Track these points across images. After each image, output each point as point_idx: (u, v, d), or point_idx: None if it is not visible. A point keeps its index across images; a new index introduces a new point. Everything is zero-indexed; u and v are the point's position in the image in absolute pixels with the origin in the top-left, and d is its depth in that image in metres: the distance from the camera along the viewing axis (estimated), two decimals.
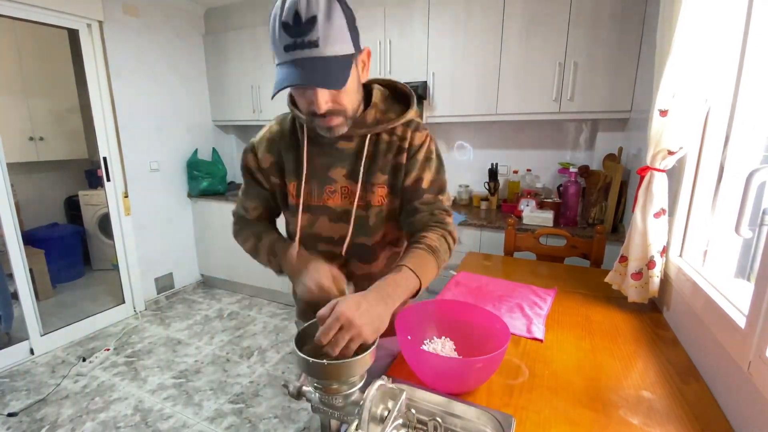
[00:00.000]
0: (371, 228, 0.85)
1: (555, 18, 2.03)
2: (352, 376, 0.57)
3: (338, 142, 0.81)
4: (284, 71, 0.65)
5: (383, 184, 0.82)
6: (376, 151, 0.82)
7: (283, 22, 0.62)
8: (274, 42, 0.65)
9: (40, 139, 3.35)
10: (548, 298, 1.23)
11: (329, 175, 0.83)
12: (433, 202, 0.83)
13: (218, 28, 3.23)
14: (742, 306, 0.76)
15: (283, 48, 0.63)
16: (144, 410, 1.92)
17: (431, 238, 0.77)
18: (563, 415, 0.73)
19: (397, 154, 0.82)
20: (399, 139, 0.82)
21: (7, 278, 2.42)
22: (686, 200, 1.11)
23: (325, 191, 0.83)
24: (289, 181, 0.85)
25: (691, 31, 0.93)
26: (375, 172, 0.82)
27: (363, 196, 0.82)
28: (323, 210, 0.84)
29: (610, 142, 2.26)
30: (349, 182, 0.83)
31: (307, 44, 0.62)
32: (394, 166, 0.82)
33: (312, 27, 0.61)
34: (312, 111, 0.70)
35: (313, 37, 0.62)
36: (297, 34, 0.62)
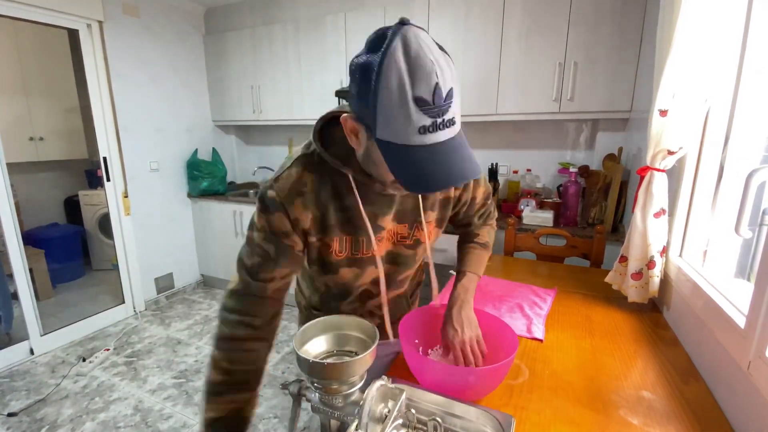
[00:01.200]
0: (415, 262, 0.87)
1: (555, 18, 2.03)
2: (352, 376, 0.57)
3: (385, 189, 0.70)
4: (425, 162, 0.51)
5: (433, 220, 0.82)
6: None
7: (418, 98, 0.47)
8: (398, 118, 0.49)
9: (40, 139, 3.35)
10: (548, 298, 1.23)
11: (378, 224, 0.75)
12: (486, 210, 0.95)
13: (218, 28, 3.23)
14: (742, 306, 0.76)
15: (419, 129, 0.49)
16: (144, 410, 1.92)
17: (483, 235, 0.92)
18: (563, 415, 0.73)
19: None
20: None
21: (7, 278, 2.42)
22: (686, 200, 1.11)
23: (374, 242, 0.75)
24: (331, 237, 0.72)
25: (691, 31, 0.93)
26: (426, 210, 0.79)
27: (410, 234, 0.80)
28: (371, 260, 0.78)
29: (610, 142, 2.26)
30: (395, 225, 0.78)
31: (446, 124, 0.50)
32: (443, 201, 0.82)
33: (450, 103, 0.50)
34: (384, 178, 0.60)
35: (450, 116, 0.50)
36: (436, 114, 0.49)
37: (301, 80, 2.82)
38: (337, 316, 0.68)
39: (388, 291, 0.86)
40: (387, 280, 0.82)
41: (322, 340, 0.67)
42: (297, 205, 0.67)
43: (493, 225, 0.97)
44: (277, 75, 2.91)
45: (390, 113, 0.49)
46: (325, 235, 0.72)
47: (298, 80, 2.83)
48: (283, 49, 2.84)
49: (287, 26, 2.79)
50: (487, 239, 0.93)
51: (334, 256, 0.74)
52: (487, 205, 0.94)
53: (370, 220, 0.72)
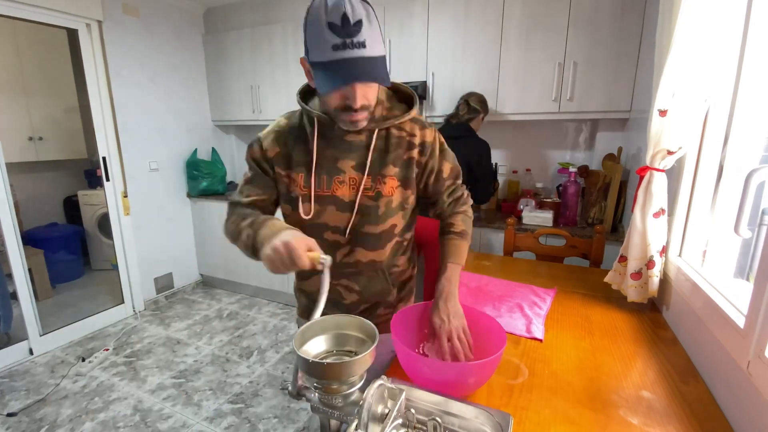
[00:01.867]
0: (380, 217, 0.88)
1: (555, 18, 2.04)
2: (351, 376, 0.57)
3: (347, 135, 0.84)
4: (333, 69, 0.67)
5: (394, 176, 0.87)
6: (387, 145, 0.87)
7: (330, 23, 0.65)
8: (317, 41, 0.67)
9: (40, 139, 3.35)
10: (548, 297, 1.23)
11: (338, 166, 0.86)
12: (455, 188, 0.96)
13: (218, 28, 3.23)
14: (742, 306, 0.76)
15: (331, 47, 0.66)
16: (143, 410, 1.92)
17: (458, 224, 0.94)
18: (563, 415, 0.73)
19: (408, 149, 0.87)
20: (408, 134, 0.88)
21: (6, 278, 2.42)
22: (685, 200, 1.11)
23: (334, 182, 0.86)
24: (297, 172, 0.86)
25: (690, 31, 0.94)
26: (387, 164, 0.86)
27: (373, 186, 0.86)
28: (331, 200, 0.87)
29: (609, 142, 2.26)
30: (357, 174, 0.86)
31: (356, 45, 0.66)
32: (406, 161, 0.87)
33: (359, 29, 0.66)
34: (346, 106, 0.74)
35: (361, 39, 0.66)
36: (345, 35, 0.65)
37: (301, 80, 2.81)
38: (337, 316, 0.68)
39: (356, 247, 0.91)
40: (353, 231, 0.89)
41: (322, 340, 0.67)
42: (269, 139, 0.88)
43: (468, 212, 0.98)
44: (277, 75, 2.91)
45: (313, 38, 0.68)
46: (291, 171, 0.87)
47: (298, 80, 2.83)
48: (283, 49, 2.84)
49: (287, 26, 2.79)
50: (463, 227, 0.94)
51: (299, 190, 0.87)
52: (456, 185, 0.97)
53: (331, 162, 0.86)
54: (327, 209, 0.87)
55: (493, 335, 0.81)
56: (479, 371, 0.72)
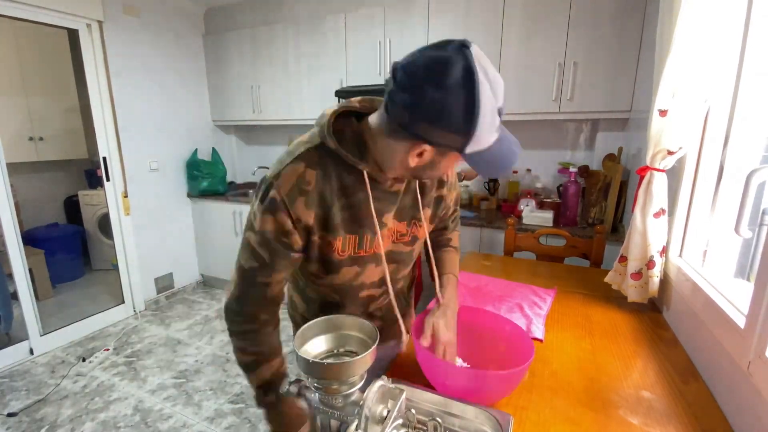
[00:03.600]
0: (412, 259, 0.88)
1: (555, 18, 2.03)
2: (351, 376, 0.57)
3: (393, 186, 0.72)
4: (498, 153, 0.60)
5: (428, 217, 0.84)
6: (424, 186, 0.81)
7: (500, 108, 0.57)
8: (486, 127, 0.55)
9: (40, 139, 3.35)
10: (548, 298, 1.23)
11: (382, 220, 0.74)
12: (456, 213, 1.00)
13: (218, 28, 3.23)
14: (742, 306, 0.76)
15: (496, 129, 0.59)
16: (144, 410, 1.92)
17: (455, 239, 0.98)
18: (563, 415, 0.73)
19: (439, 186, 0.84)
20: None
21: (6, 278, 2.42)
22: (686, 200, 1.11)
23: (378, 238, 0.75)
24: (334, 236, 0.70)
25: (690, 31, 0.93)
26: (423, 207, 0.81)
27: (408, 232, 0.81)
28: (372, 258, 0.77)
29: (609, 142, 2.26)
30: (395, 222, 0.78)
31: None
32: (437, 198, 0.85)
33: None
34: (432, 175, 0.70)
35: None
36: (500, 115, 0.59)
37: (301, 80, 2.82)
38: (338, 316, 0.68)
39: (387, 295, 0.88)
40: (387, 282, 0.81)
41: (322, 340, 0.67)
42: (299, 204, 0.65)
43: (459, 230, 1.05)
44: (277, 75, 2.91)
45: (482, 130, 0.55)
46: (328, 234, 0.70)
47: (298, 80, 2.83)
48: (283, 49, 2.84)
49: (287, 26, 2.79)
50: (458, 243, 1.00)
51: (337, 255, 0.73)
52: (457, 210, 1.00)
53: (377, 216, 0.72)
54: (367, 268, 0.78)
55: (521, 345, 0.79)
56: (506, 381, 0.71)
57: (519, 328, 0.82)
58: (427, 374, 0.77)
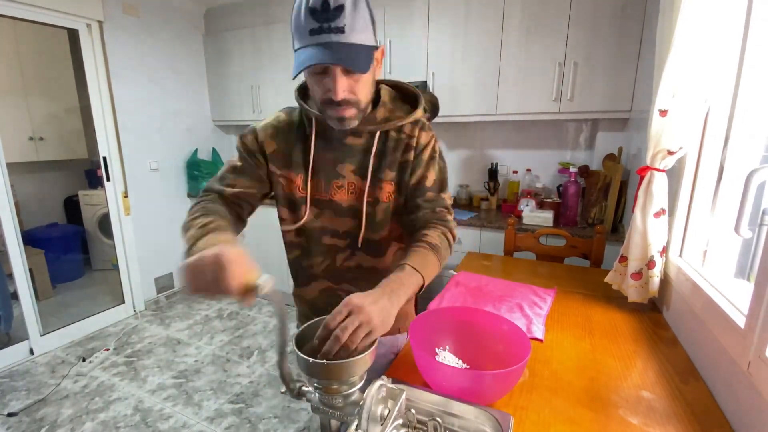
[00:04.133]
0: (378, 224, 0.86)
1: (555, 18, 2.03)
2: (352, 376, 0.57)
3: (347, 138, 0.82)
4: (308, 52, 0.66)
5: (391, 181, 0.84)
6: (385, 149, 0.83)
7: (311, 8, 0.63)
8: (297, 26, 0.66)
9: (40, 139, 3.35)
10: (548, 297, 1.23)
11: (337, 170, 0.83)
12: (435, 200, 0.84)
13: (218, 28, 3.23)
14: (742, 306, 0.76)
15: (308, 31, 0.64)
16: (144, 410, 1.92)
17: (432, 236, 0.78)
18: (563, 415, 0.73)
19: (405, 151, 0.83)
20: (407, 137, 0.84)
21: (6, 278, 2.42)
22: (686, 200, 1.11)
23: (332, 186, 0.83)
24: (296, 173, 0.84)
25: (690, 31, 0.93)
26: (384, 168, 0.83)
27: (371, 192, 0.83)
28: (329, 204, 0.85)
29: (610, 142, 2.26)
30: (356, 178, 0.83)
31: (333, 29, 0.64)
32: (402, 164, 0.84)
33: (339, 14, 0.64)
34: (328, 98, 0.71)
35: (340, 24, 0.64)
36: (324, 20, 0.63)
37: (301, 80, 2.81)
38: None
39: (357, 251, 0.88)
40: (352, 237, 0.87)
41: None
42: (267, 133, 0.84)
43: (447, 233, 0.82)
44: (277, 75, 2.91)
45: (294, 26, 0.67)
46: (289, 171, 0.84)
47: (297, 80, 2.83)
48: (283, 49, 2.84)
49: (287, 26, 2.78)
50: (437, 242, 0.78)
51: (298, 192, 0.84)
52: (440, 198, 0.85)
53: (329, 165, 0.83)
54: (325, 213, 0.85)
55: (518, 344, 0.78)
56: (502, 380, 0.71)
57: (517, 328, 0.82)
58: (424, 374, 0.77)
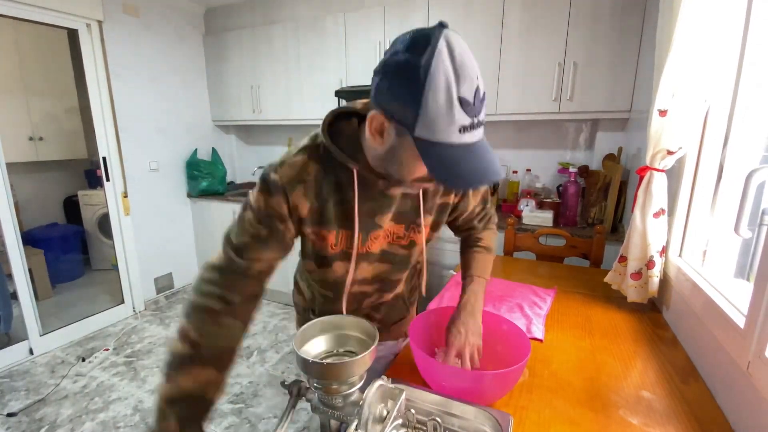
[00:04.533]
0: (408, 263, 0.86)
1: (555, 18, 2.03)
2: (351, 376, 0.57)
3: (389, 189, 0.71)
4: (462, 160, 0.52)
5: (428, 224, 0.82)
6: (426, 193, 0.78)
7: (463, 98, 0.50)
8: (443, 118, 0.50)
9: (40, 139, 3.35)
10: (548, 297, 1.23)
11: (375, 221, 0.75)
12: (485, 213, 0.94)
13: (218, 28, 3.23)
14: (742, 306, 0.76)
15: (459, 128, 0.51)
16: (143, 410, 1.92)
17: (485, 239, 0.93)
18: (563, 415, 0.73)
19: (444, 194, 0.80)
20: None
21: (6, 278, 2.42)
22: (686, 200, 1.11)
23: (370, 238, 0.76)
24: (328, 230, 0.72)
25: (690, 31, 0.94)
26: (424, 214, 0.79)
27: (406, 235, 0.80)
28: (365, 257, 0.79)
29: (609, 142, 2.26)
30: (392, 224, 0.78)
31: (477, 126, 0.53)
32: (441, 206, 0.81)
33: (483, 106, 0.53)
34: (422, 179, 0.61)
35: (481, 117, 0.53)
36: (474, 114, 0.51)
37: (301, 80, 2.82)
38: (337, 316, 0.68)
39: (384, 292, 0.89)
40: (381, 279, 0.85)
41: (322, 340, 0.67)
42: (298, 191, 0.67)
43: (494, 229, 0.97)
44: (277, 75, 2.91)
45: (435, 112, 0.50)
46: (321, 227, 0.72)
47: (297, 80, 2.83)
48: (283, 49, 2.84)
49: (287, 26, 2.79)
50: (489, 243, 0.93)
51: (330, 250, 0.75)
52: (486, 209, 0.94)
53: (368, 217, 0.73)
54: (360, 266, 0.80)
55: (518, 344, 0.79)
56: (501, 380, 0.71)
57: (517, 328, 0.82)
58: (424, 374, 0.77)
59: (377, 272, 0.83)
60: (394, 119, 0.54)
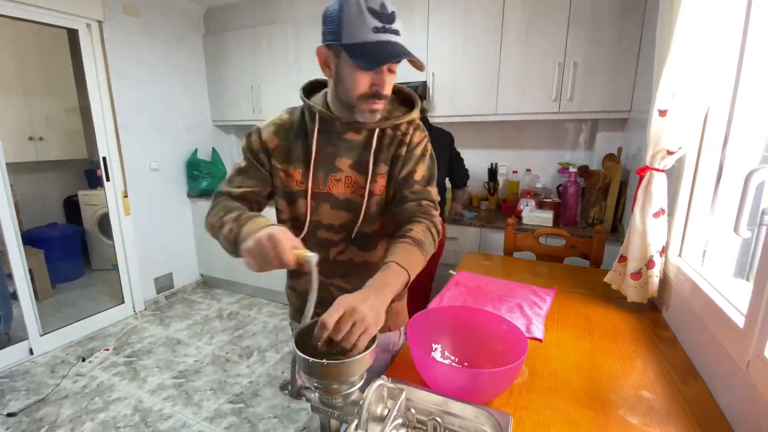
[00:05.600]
0: (372, 216, 0.89)
1: (555, 18, 2.04)
2: (351, 376, 0.57)
3: (347, 134, 0.86)
4: (375, 49, 0.71)
5: (384, 174, 0.87)
6: (381, 144, 0.87)
7: (371, 8, 0.69)
8: (357, 23, 0.70)
9: (40, 139, 3.35)
10: (548, 297, 1.23)
11: (335, 164, 0.86)
12: (422, 192, 0.87)
13: (218, 28, 3.23)
14: (741, 306, 0.76)
15: (373, 29, 0.70)
16: (143, 410, 1.92)
17: (416, 231, 0.80)
18: (563, 415, 0.73)
19: (398, 147, 0.87)
20: (402, 134, 0.88)
21: (6, 278, 2.42)
22: (685, 200, 1.11)
23: (330, 179, 0.86)
24: (295, 167, 0.87)
25: (690, 31, 0.94)
26: (379, 163, 0.86)
27: (366, 185, 0.86)
28: (326, 197, 0.87)
29: (609, 142, 2.26)
30: (353, 173, 0.87)
31: (393, 31, 0.72)
32: (394, 158, 0.87)
33: (394, 19, 0.72)
34: (373, 92, 0.76)
35: (396, 27, 0.72)
36: (386, 21, 0.70)
37: (301, 80, 2.79)
38: None
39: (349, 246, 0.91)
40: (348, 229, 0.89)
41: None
42: (269, 131, 0.88)
43: (430, 227, 0.83)
44: (277, 75, 2.91)
45: (351, 20, 0.70)
46: (289, 165, 0.87)
47: (297, 80, 2.83)
48: (283, 49, 2.84)
49: (287, 26, 2.79)
50: (421, 236, 0.79)
51: (296, 185, 0.88)
52: (427, 191, 0.87)
53: (328, 159, 0.86)
54: (321, 206, 0.88)
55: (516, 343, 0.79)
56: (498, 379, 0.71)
57: (515, 327, 0.82)
58: (421, 372, 0.77)
59: (343, 221, 0.88)
60: (330, 44, 0.74)
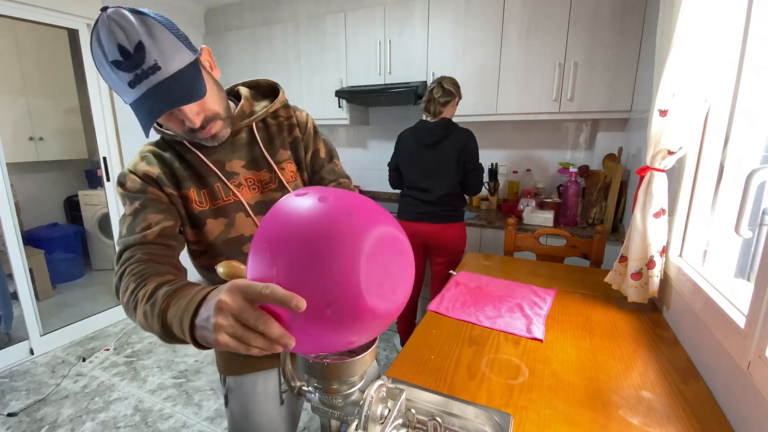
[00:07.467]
0: None
1: (555, 18, 2.03)
2: (351, 376, 0.57)
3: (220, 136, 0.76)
4: (141, 106, 0.61)
5: (289, 159, 0.85)
6: (269, 134, 0.84)
7: (114, 61, 0.58)
8: (113, 83, 0.61)
9: (40, 139, 3.35)
10: (548, 297, 1.23)
11: (226, 169, 0.78)
12: (336, 170, 0.90)
13: (218, 28, 3.23)
14: (742, 306, 0.76)
15: (128, 84, 0.59)
16: (144, 410, 1.92)
17: None
18: (563, 415, 0.73)
19: (290, 131, 0.86)
20: (285, 118, 0.87)
21: (7, 278, 2.42)
22: (686, 200, 1.11)
23: (231, 187, 0.78)
24: (186, 188, 0.75)
25: (690, 31, 0.94)
26: (277, 150, 0.84)
27: (272, 178, 0.82)
28: (235, 206, 0.78)
29: (610, 142, 2.26)
30: (251, 172, 0.81)
31: (149, 70, 0.59)
32: (293, 142, 0.86)
33: (143, 53, 0.58)
34: (189, 128, 0.68)
35: (151, 62, 0.59)
36: (134, 67, 0.58)
37: (301, 80, 2.82)
38: None
39: None
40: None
41: None
42: (141, 166, 0.74)
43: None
44: (277, 75, 2.91)
45: (109, 82, 0.61)
46: (180, 188, 0.75)
47: (298, 80, 2.83)
48: (283, 49, 2.84)
49: (287, 26, 2.79)
50: None
51: (196, 207, 0.76)
52: (337, 165, 0.91)
53: (218, 167, 0.77)
54: (236, 218, 0.78)
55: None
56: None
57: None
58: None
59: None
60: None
